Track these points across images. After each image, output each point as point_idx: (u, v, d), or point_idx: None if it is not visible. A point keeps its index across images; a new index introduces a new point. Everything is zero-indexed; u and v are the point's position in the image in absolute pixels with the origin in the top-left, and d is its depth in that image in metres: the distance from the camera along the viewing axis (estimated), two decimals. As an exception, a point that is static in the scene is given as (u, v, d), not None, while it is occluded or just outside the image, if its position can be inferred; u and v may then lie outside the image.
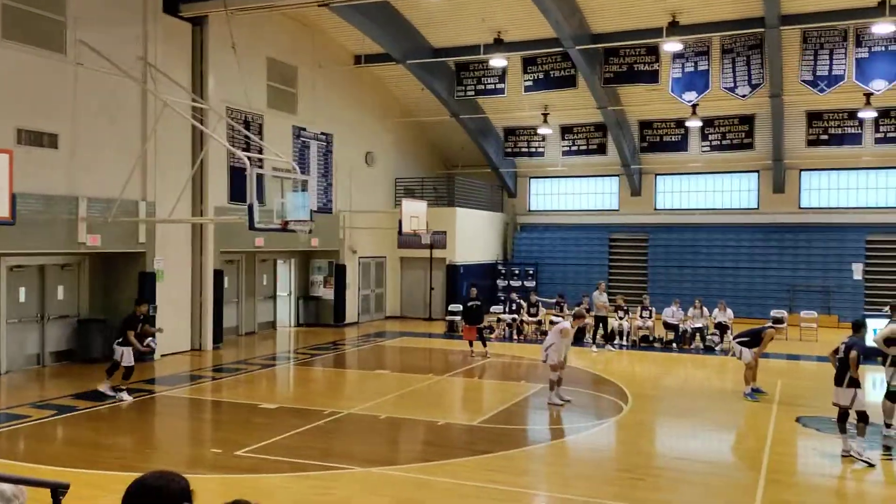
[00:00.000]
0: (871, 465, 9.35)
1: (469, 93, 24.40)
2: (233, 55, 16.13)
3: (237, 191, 18.19)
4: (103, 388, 12.85)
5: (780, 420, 11.93)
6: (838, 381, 9.94)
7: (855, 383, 9.75)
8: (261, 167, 15.29)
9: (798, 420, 11.90)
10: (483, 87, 23.99)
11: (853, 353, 9.74)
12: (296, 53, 21.99)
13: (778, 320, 15.31)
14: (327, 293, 24.19)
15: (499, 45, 21.75)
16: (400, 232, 23.16)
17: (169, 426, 12.13)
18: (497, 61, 22.38)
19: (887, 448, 10.35)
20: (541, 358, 13.41)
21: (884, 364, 11.22)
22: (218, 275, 19.03)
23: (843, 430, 9.80)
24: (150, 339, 13.59)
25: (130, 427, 11.50)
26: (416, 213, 22.79)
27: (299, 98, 22.27)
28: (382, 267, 26.50)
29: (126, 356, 12.81)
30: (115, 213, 15.48)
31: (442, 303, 25.72)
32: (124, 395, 12.70)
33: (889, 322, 11.39)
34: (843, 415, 9.80)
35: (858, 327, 10.52)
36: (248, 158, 14.60)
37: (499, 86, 23.62)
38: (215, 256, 18.90)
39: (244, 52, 18.40)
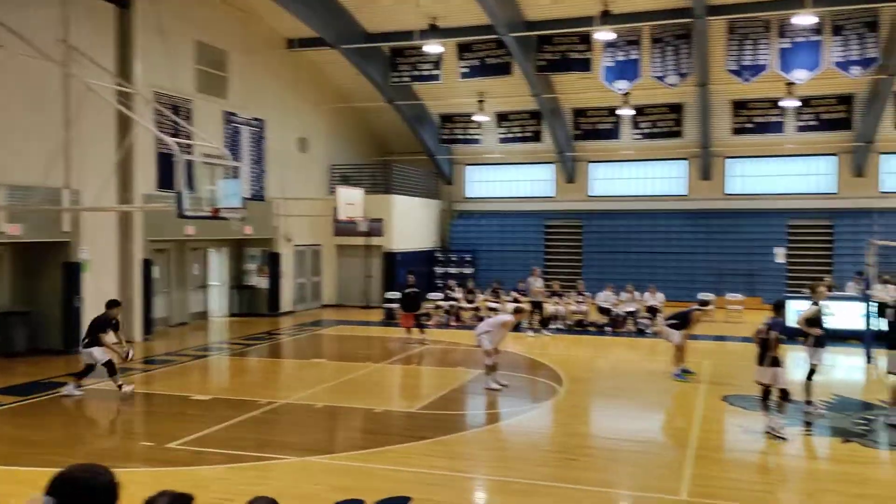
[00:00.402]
0: (784, 440, 9.78)
1: (404, 79, 24.29)
2: (160, 38, 15.67)
3: (166, 178, 17.70)
4: (67, 390, 12.19)
5: (707, 399, 12.32)
6: (760, 361, 10.33)
7: (776, 362, 10.13)
8: (190, 153, 14.88)
9: (724, 399, 12.32)
10: (419, 73, 23.91)
11: (773, 333, 10.13)
12: (226, 37, 21.49)
13: (705, 303, 15.76)
14: (262, 282, 23.83)
15: (434, 31, 21.70)
16: (336, 219, 23.00)
17: (97, 420, 11.79)
18: (432, 47, 22.32)
19: (808, 424, 10.80)
20: (475, 343, 13.54)
21: (805, 344, 11.70)
22: (147, 264, 18.53)
23: (765, 408, 10.18)
24: (128, 348, 12.91)
25: (57, 422, 11.12)
26: (352, 201, 22.65)
27: (230, 83, 21.79)
28: (318, 255, 26.23)
29: (99, 354, 12.16)
30: (38, 201, 14.89)
31: (379, 290, 25.64)
32: (126, 388, 12.24)
33: (810, 304, 11.86)
34: (766, 393, 10.18)
35: (779, 308, 10.94)
36: (177, 144, 14.21)
37: (434, 72, 23.58)
38: (144, 245, 18.39)
39: (172, 35, 17.90)
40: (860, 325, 16.31)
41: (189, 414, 11.27)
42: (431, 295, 23.87)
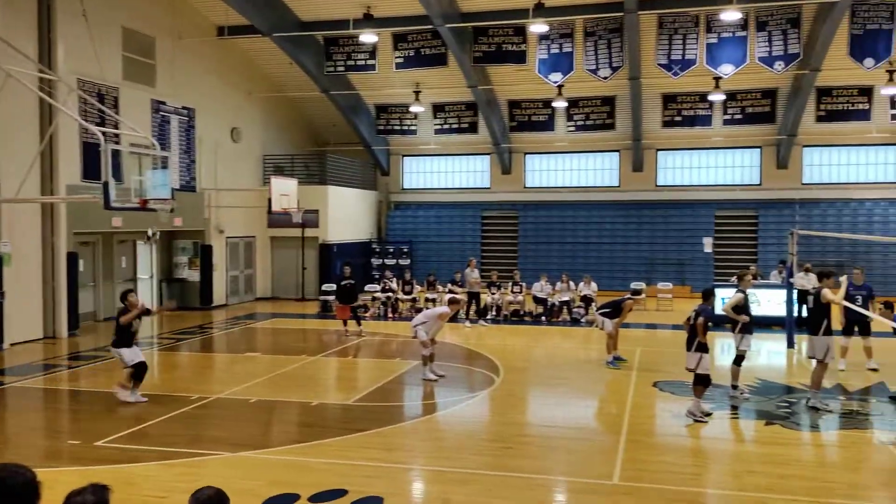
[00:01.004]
0: (704, 422, 10.19)
1: (339, 68, 24.02)
2: (84, 24, 15.10)
3: (91, 168, 17.12)
4: (134, 397, 11.39)
5: (638, 385, 12.63)
6: (688, 346, 10.66)
7: (702, 348, 10.45)
8: (117, 143, 14.45)
9: (655, 385, 12.64)
10: (353, 62, 23.67)
11: (700, 320, 10.46)
12: (154, 23, 20.88)
13: (636, 292, 16.14)
14: (193, 275, 23.32)
15: (368, 20, 21.53)
16: (270, 211, 22.66)
17: (20, 419, 11.33)
18: (367, 37, 22.14)
19: (734, 408, 11.18)
20: (411, 334, 13.56)
21: (732, 331, 12.10)
22: (72, 257, 17.91)
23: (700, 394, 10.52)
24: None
25: (-25, 422, 10.67)
26: (286, 192, 22.33)
27: (158, 70, 21.19)
28: (252, 247, 25.80)
29: (128, 356, 11.38)
30: (-48, 192, 14.22)
31: (315, 283, 25.40)
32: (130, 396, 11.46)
33: (736, 291, 12.25)
34: (698, 378, 10.52)
35: (707, 296, 11.29)
36: (103, 133, 13.75)
37: (369, 62, 23.39)
38: (68, 238, 17.77)
39: (97, 20, 17.28)
40: (783, 311, 16.92)
41: (117, 411, 10.96)
42: (368, 287, 23.76)
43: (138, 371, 11.45)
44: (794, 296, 16.90)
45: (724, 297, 16.01)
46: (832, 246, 25.34)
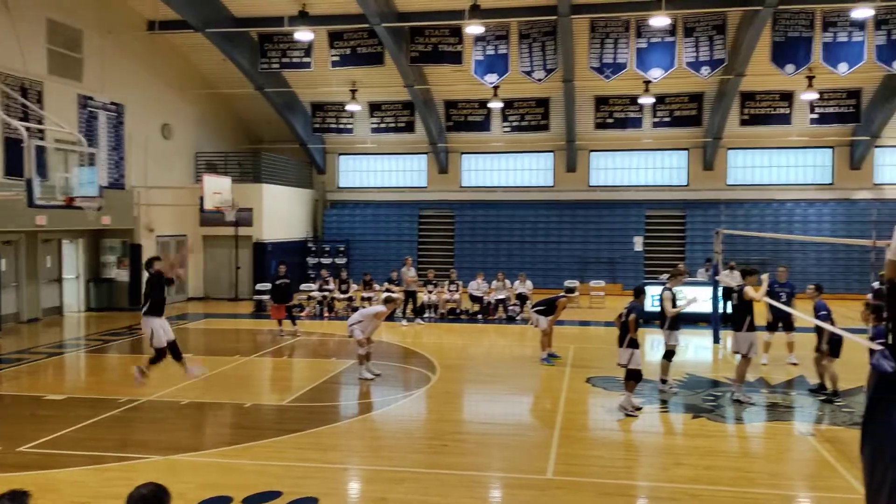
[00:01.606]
0: (635, 416, 10.54)
1: (274, 65, 23.74)
2: (6, 15, 14.53)
3: (14, 164, 16.52)
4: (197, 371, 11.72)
5: (572, 381, 12.88)
6: (620, 342, 10.93)
7: (633, 344, 10.75)
8: (41, 138, 13.96)
9: (588, 380, 12.92)
10: (289, 60, 23.43)
11: (632, 317, 10.76)
12: (81, 16, 20.25)
13: (570, 290, 16.44)
14: (122, 275, 22.67)
15: (304, 17, 21.31)
16: (202, 209, 22.21)
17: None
18: (302, 34, 21.93)
19: (664, 402, 11.51)
20: (347, 334, 13.51)
21: (661, 327, 12.46)
22: (-7, 257, 17.22)
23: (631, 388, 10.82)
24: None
25: None
26: (219, 190, 21.93)
27: (86, 65, 20.56)
28: (183, 246, 25.22)
29: (159, 334, 11.62)
30: None
31: (249, 282, 25.03)
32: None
33: (664, 289, 12.61)
34: (631, 374, 10.81)
35: (639, 293, 11.53)
36: (26, 129, 13.28)
37: (305, 59, 23.19)
38: (-11, 237, 17.09)
39: (20, 11, 16.68)
40: (709, 308, 17.49)
41: (42, 415, 10.61)
42: (304, 286, 23.54)
43: (163, 353, 11.63)
44: (720, 293, 17.50)
45: (654, 295, 16.53)
46: (755, 245, 26.29)
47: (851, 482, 7.90)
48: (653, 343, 16.14)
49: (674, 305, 12.24)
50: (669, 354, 12.33)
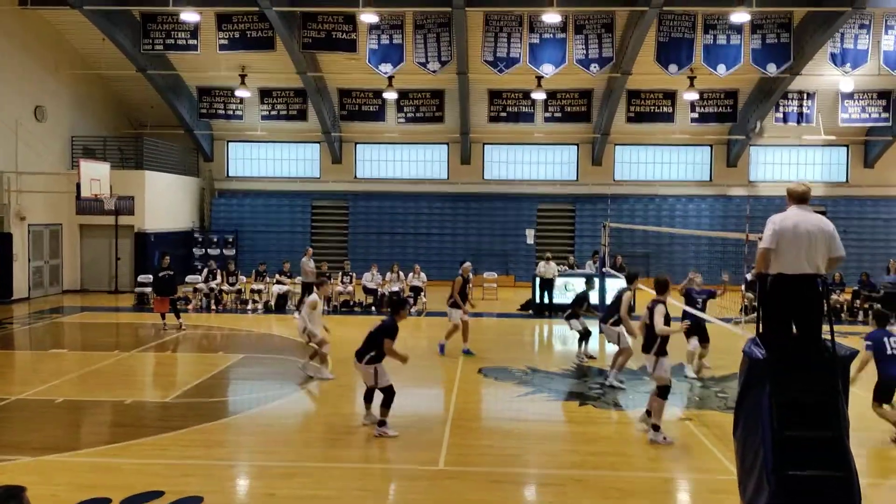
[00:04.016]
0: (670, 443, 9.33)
1: (157, 47, 22.70)
2: None
3: None
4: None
5: (464, 372, 13.00)
6: (646, 348, 9.57)
7: (662, 350, 9.48)
8: None
9: (480, 371, 13.07)
10: (173, 41, 22.46)
11: (657, 313, 9.38)
12: (-60, -15, 18.68)
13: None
14: (-11, 266, 21.18)
15: (191, -2, 20.48)
16: (78, 196, 21.04)
17: None
18: (188, 15, 21.06)
19: (550, 390, 11.78)
20: (304, 341, 12.89)
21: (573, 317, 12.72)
22: None
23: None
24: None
25: None
26: (97, 176, 20.84)
27: (-54, 38, 19.00)
28: (58, 235, 23.81)
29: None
30: None
31: (130, 274, 23.94)
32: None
33: (626, 290, 12.76)
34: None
35: (663, 288, 9.76)
36: None
37: (191, 42, 22.29)
38: None
39: None
40: (596, 299, 18.04)
41: None
42: (189, 278, 22.71)
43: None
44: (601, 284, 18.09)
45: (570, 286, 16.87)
46: (639, 237, 27.35)
47: (726, 464, 8.33)
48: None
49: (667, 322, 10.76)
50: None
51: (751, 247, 8.71)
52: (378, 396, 9.61)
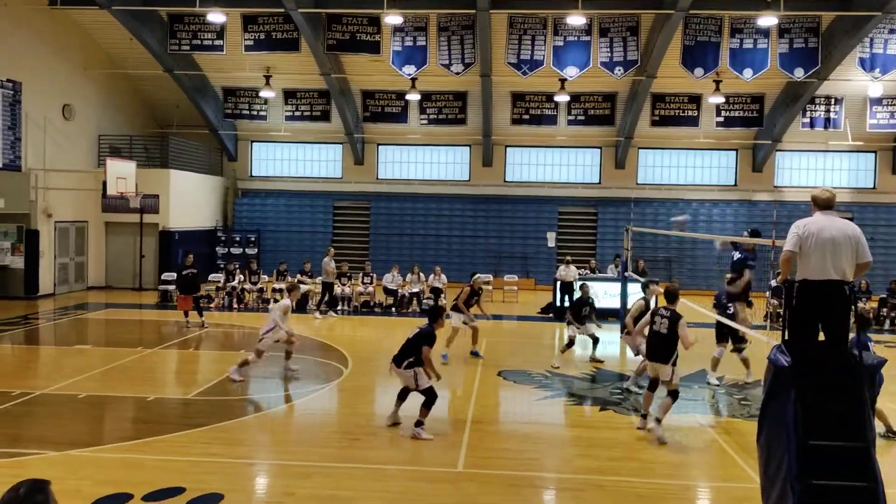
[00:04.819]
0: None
1: (184, 47, 22.92)
2: None
3: None
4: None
5: (484, 375, 12.97)
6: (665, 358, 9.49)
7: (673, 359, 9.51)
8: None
9: (500, 374, 13.04)
10: (200, 42, 22.67)
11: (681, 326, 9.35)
12: (-27, -15, 19.00)
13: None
14: (16, 261, 21.48)
15: (217, -1, 20.66)
16: (104, 194, 21.30)
17: None
18: (214, 16, 21.25)
19: (571, 394, 11.71)
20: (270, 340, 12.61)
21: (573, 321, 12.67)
22: None
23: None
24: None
25: None
26: (123, 174, 21.09)
27: (-22, 37, 19.31)
28: (84, 232, 24.11)
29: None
30: None
31: (154, 271, 24.16)
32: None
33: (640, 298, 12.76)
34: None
35: (674, 298, 9.80)
36: None
37: (217, 42, 22.49)
38: None
39: None
40: (617, 303, 17.94)
41: (-78, 411, 9.92)
42: (212, 276, 22.90)
43: None
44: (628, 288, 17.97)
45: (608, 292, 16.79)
46: (662, 242, 27.16)
47: (748, 471, 8.24)
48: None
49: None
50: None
51: (777, 253, 8.59)
52: (416, 397, 9.61)
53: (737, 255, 12.74)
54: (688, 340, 9.21)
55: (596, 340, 14.39)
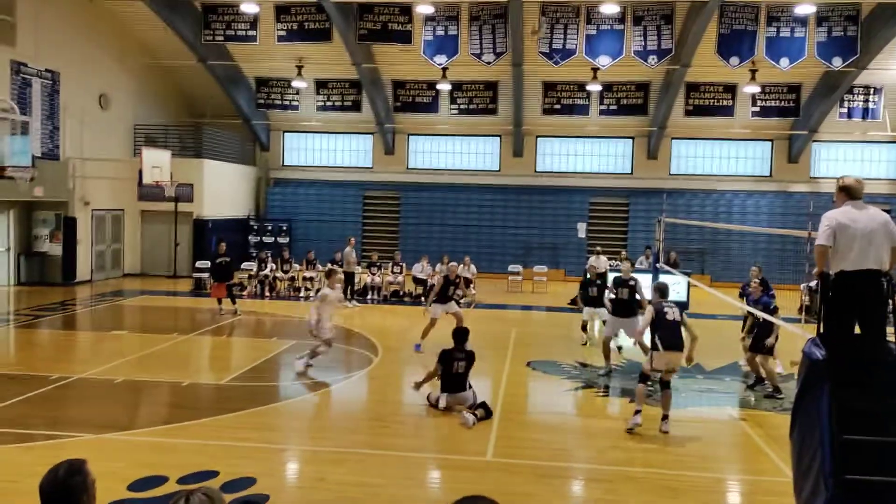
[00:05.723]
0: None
1: (218, 37, 23.14)
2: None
3: (-61, 130, 15.72)
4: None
5: (513, 365, 12.98)
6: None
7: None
8: (-31, 104, 13.32)
9: (529, 364, 13.04)
10: (233, 32, 22.87)
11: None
12: (13, -24, 19.34)
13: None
14: (55, 249, 21.92)
15: (250, -11, 20.81)
16: (140, 183, 21.64)
17: None
18: (248, 6, 21.41)
19: (602, 386, 11.67)
20: (312, 332, 12.40)
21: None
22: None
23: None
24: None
25: None
26: (158, 164, 21.39)
27: (19, 29, 19.67)
28: (120, 220, 24.51)
29: None
30: None
31: (188, 259, 24.48)
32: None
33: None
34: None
35: (664, 292, 10.13)
36: (-48, 93, 12.66)
37: (250, 33, 22.67)
38: (-89, 206, 16.29)
39: (-55, -33, 15.85)
40: (649, 296, 17.76)
41: (-34, 393, 10.20)
42: (245, 264, 23.16)
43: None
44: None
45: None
46: (695, 233, 26.86)
47: (781, 466, 8.16)
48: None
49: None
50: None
51: (812, 244, 8.45)
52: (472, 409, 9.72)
53: (752, 307, 11.60)
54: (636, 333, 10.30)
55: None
